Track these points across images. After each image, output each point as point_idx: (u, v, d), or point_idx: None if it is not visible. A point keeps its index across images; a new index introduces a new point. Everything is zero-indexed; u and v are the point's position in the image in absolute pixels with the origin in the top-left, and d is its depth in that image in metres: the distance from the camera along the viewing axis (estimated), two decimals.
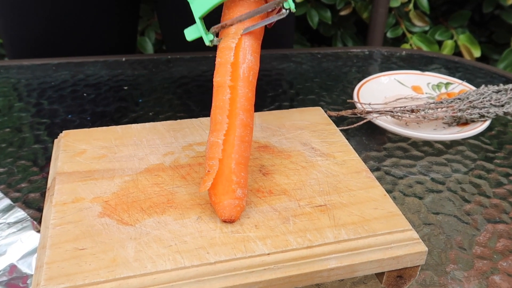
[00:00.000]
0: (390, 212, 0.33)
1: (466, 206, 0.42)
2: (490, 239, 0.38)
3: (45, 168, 0.45)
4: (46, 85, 0.60)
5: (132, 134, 0.40)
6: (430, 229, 0.39)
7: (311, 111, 0.45)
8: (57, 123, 0.52)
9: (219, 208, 0.30)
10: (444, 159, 0.48)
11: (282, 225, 0.31)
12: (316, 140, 0.40)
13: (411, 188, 0.44)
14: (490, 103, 0.50)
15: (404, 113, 0.50)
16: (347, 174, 0.36)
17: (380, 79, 0.57)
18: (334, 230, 0.30)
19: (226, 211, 0.30)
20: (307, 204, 0.33)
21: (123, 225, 0.30)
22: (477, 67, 0.67)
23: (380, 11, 1.08)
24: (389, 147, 0.49)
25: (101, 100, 0.57)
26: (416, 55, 0.71)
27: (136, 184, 0.34)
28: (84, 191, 0.34)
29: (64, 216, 0.31)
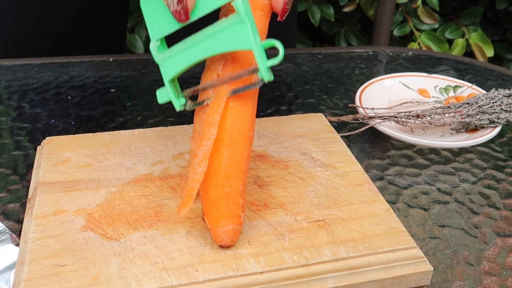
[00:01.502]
0: (393, 228, 0.33)
1: (474, 218, 0.42)
2: (499, 254, 0.38)
3: (26, 176, 0.45)
4: (28, 87, 0.60)
5: (120, 141, 0.40)
6: (436, 243, 0.39)
7: (311, 118, 0.45)
8: (39, 128, 0.53)
9: (220, 232, 0.30)
10: (451, 168, 0.48)
11: (277, 241, 0.31)
12: (316, 150, 0.40)
13: (416, 199, 0.44)
14: (500, 108, 0.50)
15: (409, 118, 0.50)
16: (348, 186, 0.36)
17: (384, 81, 0.58)
18: (332, 247, 0.31)
19: (229, 237, 0.30)
20: (305, 219, 0.33)
21: (107, 240, 0.30)
22: (488, 68, 0.68)
23: (386, 7, 1.08)
24: (393, 154, 0.50)
25: (87, 104, 0.57)
26: (423, 56, 0.71)
27: (123, 196, 0.34)
28: (66, 203, 0.34)
29: (44, 230, 0.31)
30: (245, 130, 0.31)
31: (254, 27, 0.29)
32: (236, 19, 0.29)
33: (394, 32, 1.16)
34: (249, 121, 0.32)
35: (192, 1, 0.29)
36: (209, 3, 0.29)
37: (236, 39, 0.29)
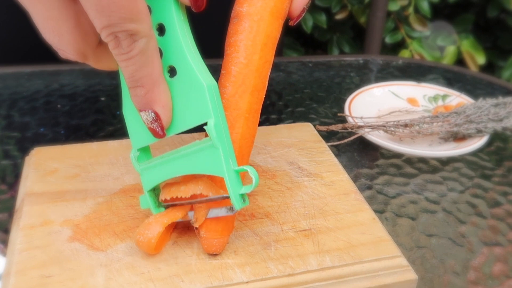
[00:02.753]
0: (379, 237, 0.34)
1: (461, 227, 0.43)
2: (486, 264, 0.39)
3: (14, 186, 0.46)
4: (18, 95, 0.61)
5: (108, 151, 0.41)
6: (423, 252, 0.40)
7: (299, 127, 0.45)
8: (28, 137, 0.53)
9: (215, 243, 0.30)
10: (439, 177, 0.49)
11: (263, 251, 0.31)
12: (304, 159, 0.41)
13: (404, 208, 0.45)
14: (488, 118, 0.51)
15: (397, 127, 0.51)
16: (335, 196, 0.37)
17: (374, 90, 0.58)
18: (318, 256, 0.31)
19: (221, 247, 0.31)
20: (291, 229, 0.33)
21: (93, 251, 0.31)
22: (477, 77, 0.69)
23: (378, 15, 1.09)
24: (381, 164, 0.50)
25: (76, 112, 0.58)
26: (413, 64, 0.72)
27: (110, 206, 0.35)
28: (54, 214, 0.34)
29: (31, 241, 0.32)
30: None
31: (228, 151, 0.29)
32: (209, 143, 0.29)
33: (386, 39, 1.17)
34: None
35: (167, 120, 0.30)
36: (185, 122, 0.30)
37: (208, 164, 0.29)
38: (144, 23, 0.27)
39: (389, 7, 1.13)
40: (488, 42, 1.31)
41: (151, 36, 0.28)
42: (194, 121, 0.29)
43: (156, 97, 0.29)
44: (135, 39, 0.27)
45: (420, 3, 1.15)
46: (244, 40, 0.31)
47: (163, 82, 0.29)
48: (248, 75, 0.31)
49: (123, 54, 0.27)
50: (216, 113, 0.29)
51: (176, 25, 0.29)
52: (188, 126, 0.30)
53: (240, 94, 0.31)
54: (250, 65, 0.31)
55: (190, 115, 0.29)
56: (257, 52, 0.31)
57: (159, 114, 0.29)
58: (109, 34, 0.27)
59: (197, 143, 0.29)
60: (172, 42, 0.29)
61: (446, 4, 1.23)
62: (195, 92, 0.29)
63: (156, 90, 0.29)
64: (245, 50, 0.31)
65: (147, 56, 0.28)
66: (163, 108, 0.29)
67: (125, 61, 0.28)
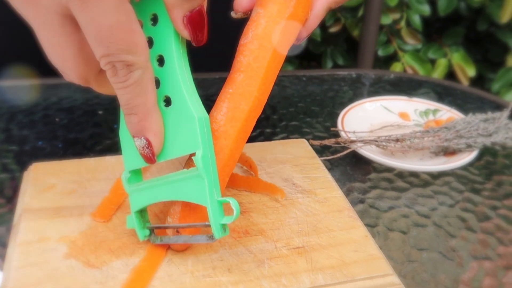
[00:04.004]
0: (371, 255, 0.33)
1: (451, 241, 0.43)
2: (475, 278, 0.39)
3: (12, 199, 0.45)
4: (16, 108, 0.61)
5: (106, 167, 0.41)
6: (414, 267, 0.40)
7: (294, 144, 0.45)
8: (26, 151, 0.53)
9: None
10: (430, 191, 0.49)
11: (257, 268, 0.31)
12: (298, 176, 0.41)
13: (395, 222, 0.45)
14: (477, 133, 0.51)
15: (389, 142, 0.51)
16: (328, 213, 0.37)
17: (366, 105, 0.59)
18: (311, 274, 0.31)
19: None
20: (284, 246, 0.33)
21: (89, 268, 0.31)
22: (467, 92, 0.69)
23: (371, 28, 1.10)
24: (373, 177, 0.50)
25: (74, 126, 0.58)
26: (405, 79, 0.72)
27: (106, 223, 0.34)
28: (50, 230, 0.34)
29: (27, 257, 0.32)
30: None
31: (213, 182, 0.29)
32: (196, 173, 0.29)
33: (379, 52, 1.18)
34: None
35: (158, 148, 0.31)
36: (175, 151, 0.30)
37: (192, 192, 0.30)
38: (141, 55, 0.28)
39: (382, 20, 1.14)
40: (478, 55, 1.32)
41: (147, 68, 0.29)
42: (183, 151, 0.30)
43: (148, 126, 0.30)
44: (131, 70, 0.28)
45: (412, 16, 1.16)
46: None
47: (156, 112, 0.30)
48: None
49: (120, 82, 0.28)
50: (204, 145, 0.29)
51: (175, 58, 0.30)
52: (178, 155, 0.30)
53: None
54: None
55: (180, 144, 0.30)
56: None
57: (150, 142, 0.30)
58: (107, 63, 0.28)
59: (185, 171, 0.30)
60: (170, 73, 0.30)
61: (437, 17, 1.24)
62: (187, 123, 0.29)
63: (149, 119, 0.30)
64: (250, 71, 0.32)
65: (142, 86, 0.29)
66: (154, 136, 0.30)
67: (121, 90, 0.29)
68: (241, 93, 0.32)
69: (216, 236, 0.29)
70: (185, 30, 0.29)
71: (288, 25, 0.32)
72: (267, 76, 0.32)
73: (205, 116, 0.30)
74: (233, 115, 0.31)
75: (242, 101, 0.32)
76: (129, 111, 0.30)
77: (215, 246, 0.33)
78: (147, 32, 0.31)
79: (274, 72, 0.33)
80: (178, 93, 0.30)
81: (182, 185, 0.30)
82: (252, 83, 0.32)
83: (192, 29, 0.29)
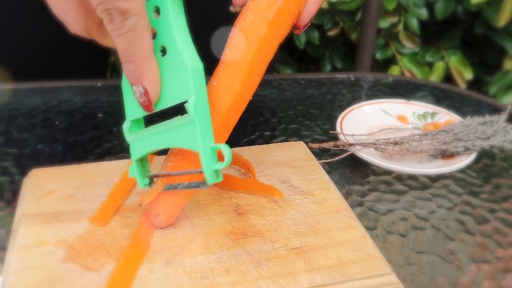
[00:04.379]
0: (369, 254, 0.33)
1: (450, 244, 0.42)
2: (474, 281, 0.39)
3: (12, 202, 0.45)
4: (16, 112, 0.60)
5: (104, 172, 0.40)
6: (413, 270, 0.40)
7: (292, 146, 0.45)
8: (26, 154, 0.52)
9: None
10: (429, 194, 0.49)
11: (255, 269, 0.31)
12: (296, 177, 0.41)
13: (394, 225, 0.44)
14: (475, 136, 0.51)
15: (388, 145, 0.51)
16: (326, 213, 0.37)
17: (364, 108, 0.58)
18: (308, 274, 0.31)
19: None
20: (282, 247, 0.33)
21: (87, 271, 0.30)
22: (464, 95, 0.69)
23: (369, 32, 1.10)
24: (372, 180, 0.50)
25: (74, 129, 0.57)
26: (402, 82, 0.72)
27: (104, 226, 0.34)
28: (48, 234, 0.34)
29: (25, 261, 0.31)
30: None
31: (206, 129, 0.30)
32: (188, 119, 0.30)
33: (377, 56, 1.18)
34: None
35: (155, 95, 0.31)
36: (170, 99, 0.31)
37: (185, 139, 0.30)
38: (135, 2, 0.29)
39: (380, 24, 1.14)
40: (475, 58, 1.32)
41: (142, 15, 0.29)
42: (177, 99, 0.30)
43: (144, 73, 0.30)
44: (126, 17, 0.28)
45: (410, 20, 1.16)
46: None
47: (152, 60, 0.30)
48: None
49: (116, 30, 0.29)
50: (197, 93, 0.29)
51: (169, 8, 0.30)
52: (172, 103, 0.31)
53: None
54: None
55: (175, 93, 0.31)
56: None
57: (147, 89, 0.31)
58: (103, 10, 0.28)
59: (178, 118, 0.31)
60: (165, 23, 0.30)
61: (434, 21, 1.24)
62: (181, 72, 0.30)
63: (145, 66, 0.30)
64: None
65: (137, 33, 0.29)
66: (151, 84, 0.31)
67: (117, 37, 0.29)
68: (224, 86, 0.32)
69: (208, 182, 0.30)
70: None
71: (277, 19, 0.32)
72: (251, 71, 0.32)
73: (198, 65, 0.30)
74: (214, 108, 0.32)
75: (224, 95, 0.32)
76: (126, 58, 0.30)
77: (213, 247, 0.33)
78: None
79: (260, 66, 0.32)
80: (172, 43, 0.30)
81: (176, 132, 0.31)
82: (236, 77, 0.32)
83: None
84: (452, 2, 1.17)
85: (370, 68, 1.13)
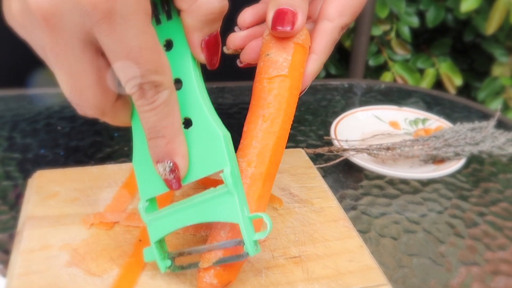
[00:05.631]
0: (366, 265, 0.33)
1: (440, 247, 0.43)
2: (464, 283, 0.39)
3: (15, 206, 0.45)
4: (20, 117, 0.60)
5: (108, 175, 0.40)
6: (405, 272, 0.40)
7: (292, 153, 0.45)
8: (29, 159, 0.52)
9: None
10: (420, 198, 0.49)
11: (254, 278, 0.31)
12: (295, 185, 0.41)
13: (386, 228, 0.45)
14: (465, 141, 0.52)
15: (380, 150, 0.51)
16: (324, 222, 0.37)
17: (358, 114, 0.59)
18: (307, 284, 0.31)
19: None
20: (281, 255, 0.33)
21: (90, 276, 0.30)
22: (454, 101, 0.69)
23: (362, 39, 1.11)
24: (365, 185, 0.50)
25: (76, 134, 0.57)
26: (395, 88, 0.73)
27: (108, 231, 0.34)
28: (53, 238, 0.34)
29: (30, 265, 0.31)
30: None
31: (243, 198, 0.29)
32: (224, 190, 0.28)
33: (370, 62, 1.18)
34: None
35: (185, 170, 0.29)
36: (200, 171, 0.29)
37: (223, 211, 0.28)
38: (168, 76, 0.27)
39: (372, 32, 1.14)
40: (465, 64, 1.33)
41: (173, 88, 0.28)
42: (210, 169, 0.29)
43: (176, 148, 0.29)
44: (159, 90, 0.27)
45: (401, 28, 1.17)
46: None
47: (182, 133, 0.29)
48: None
49: (147, 104, 0.27)
50: (231, 161, 0.28)
51: (194, 80, 0.29)
52: (204, 175, 0.29)
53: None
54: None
55: (205, 164, 0.29)
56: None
57: (177, 165, 0.29)
58: (135, 85, 0.26)
59: (212, 190, 0.29)
60: (189, 95, 0.29)
61: (425, 29, 1.25)
62: (212, 142, 0.29)
63: (177, 140, 0.29)
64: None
65: (170, 107, 0.28)
66: (182, 159, 0.29)
67: (149, 112, 0.27)
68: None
69: (250, 253, 0.28)
70: (202, 54, 0.29)
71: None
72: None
73: (228, 134, 0.29)
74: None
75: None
76: (156, 134, 0.28)
77: None
78: None
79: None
80: (199, 114, 0.29)
81: (211, 205, 0.29)
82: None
83: (208, 53, 0.29)
84: (442, 11, 1.18)
85: (363, 74, 1.13)
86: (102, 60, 0.27)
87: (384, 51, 1.19)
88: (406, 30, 1.17)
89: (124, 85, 0.27)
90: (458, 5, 1.10)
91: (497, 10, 1.08)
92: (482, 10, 1.15)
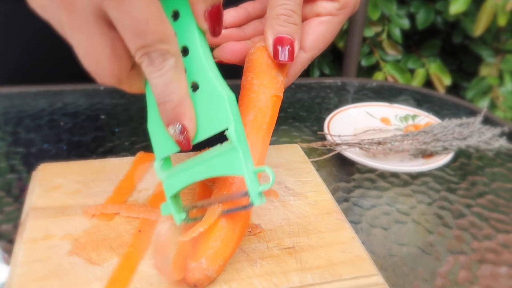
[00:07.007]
0: (358, 256, 0.33)
1: (429, 237, 0.43)
2: (451, 271, 0.39)
3: (19, 198, 0.45)
4: (24, 113, 0.60)
5: (109, 168, 0.40)
6: (395, 261, 0.40)
7: (288, 148, 0.45)
8: (32, 153, 0.52)
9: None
10: (410, 190, 0.49)
11: (249, 267, 0.31)
12: (291, 179, 0.40)
13: (377, 219, 0.44)
14: (453, 136, 0.52)
15: (372, 145, 0.51)
16: (318, 215, 0.37)
17: (350, 111, 0.59)
18: (300, 274, 0.31)
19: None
20: (276, 246, 0.33)
21: (90, 265, 0.30)
22: (443, 99, 0.69)
23: (355, 40, 1.11)
24: (357, 178, 0.50)
25: (78, 130, 0.57)
26: (386, 87, 0.72)
27: (108, 221, 0.34)
28: (55, 228, 0.33)
29: (32, 254, 0.31)
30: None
31: (247, 153, 0.29)
32: (229, 146, 0.29)
33: (362, 63, 1.18)
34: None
35: (193, 132, 0.30)
36: (207, 131, 0.30)
37: (228, 166, 0.29)
38: (173, 44, 0.28)
39: (365, 33, 1.14)
40: (454, 65, 1.33)
41: (179, 55, 0.29)
42: (215, 129, 0.30)
43: (183, 111, 0.30)
44: (166, 58, 0.28)
45: (393, 30, 1.16)
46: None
47: (189, 97, 0.30)
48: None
49: (156, 71, 0.28)
50: (235, 120, 0.29)
51: (199, 47, 0.30)
52: (210, 134, 0.30)
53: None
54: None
55: (211, 124, 0.30)
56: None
57: (186, 127, 0.30)
58: (144, 54, 0.28)
59: (219, 147, 0.30)
60: (195, 61, 0.30)
61: (415, 31, 1.25)
62: (217, 103, 0.29)
63: (184, 104, 0.29)
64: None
65: (176, 72, 0.29)
66: (189, 121, 0.30)
67: (157, 78, 0.28)
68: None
69: (255, 203, 0.29)
70: (205, 23, 0.30)
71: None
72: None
73: (232, 95, 0.30)
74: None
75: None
76: (165, 98, 0.29)
77: None
78: None
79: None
80: (205, 77, 0.30)
81: (217, 161, 0.30)
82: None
83: (211, 22, 0.30)
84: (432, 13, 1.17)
85: (355, 74, 1.13)
86: (115, 32, 0.28)
87: (376, 51, 1.19)
88: (397, 31, 1.17)
89: (134, 55, 0.28)
90: (447, 8, 1.10)
91: (485, 13, 1.08)
92: (470, 12, 1.15)
